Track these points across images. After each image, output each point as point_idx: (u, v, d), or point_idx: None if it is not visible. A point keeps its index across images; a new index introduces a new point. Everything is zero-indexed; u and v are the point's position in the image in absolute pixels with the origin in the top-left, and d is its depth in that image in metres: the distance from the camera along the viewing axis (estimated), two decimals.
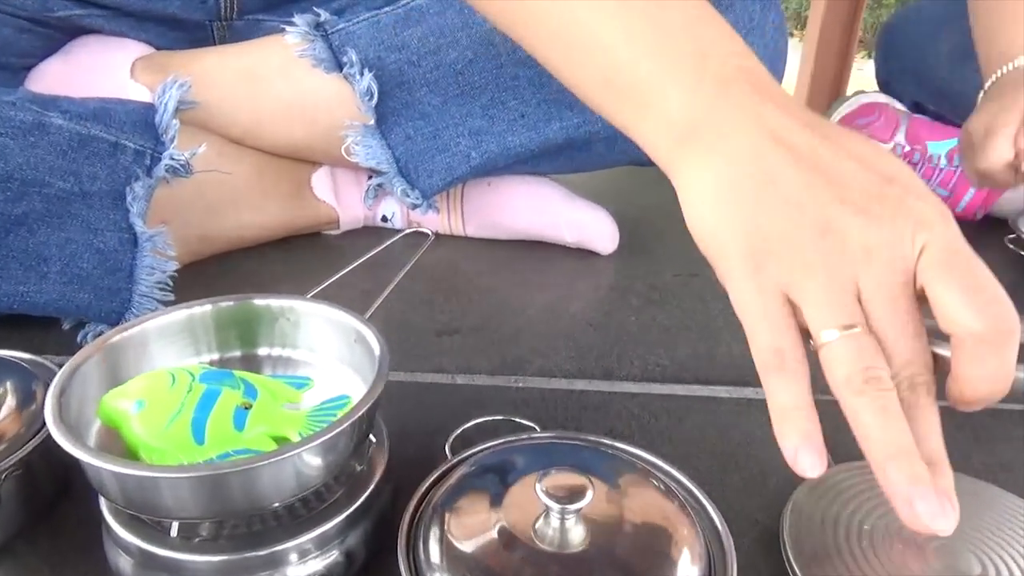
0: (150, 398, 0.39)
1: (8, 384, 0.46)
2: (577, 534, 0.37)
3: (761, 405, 0.59)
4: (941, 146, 0.96)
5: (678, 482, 0.44)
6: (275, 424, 0.40)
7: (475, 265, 0.82)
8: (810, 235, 0.35)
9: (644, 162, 0.84)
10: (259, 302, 0.47)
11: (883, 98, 0.95)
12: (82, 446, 0.34)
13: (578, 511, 0.37)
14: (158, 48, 0.78)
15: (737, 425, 0.57)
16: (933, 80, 0.98)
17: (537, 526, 0.38)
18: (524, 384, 0.61)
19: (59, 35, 0.75)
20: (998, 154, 0.74)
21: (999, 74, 0.80)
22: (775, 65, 0.75)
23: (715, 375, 0.63)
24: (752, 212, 0.36)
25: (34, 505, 0.45)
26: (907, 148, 0.94)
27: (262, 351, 0.48)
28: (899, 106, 0.95)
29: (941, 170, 0.96)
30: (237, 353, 0.47)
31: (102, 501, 0.39)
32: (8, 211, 0.60)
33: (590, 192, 0.86)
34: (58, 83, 0.72)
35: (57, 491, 0.46)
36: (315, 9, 0.75)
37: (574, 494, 0.37)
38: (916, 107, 1.02)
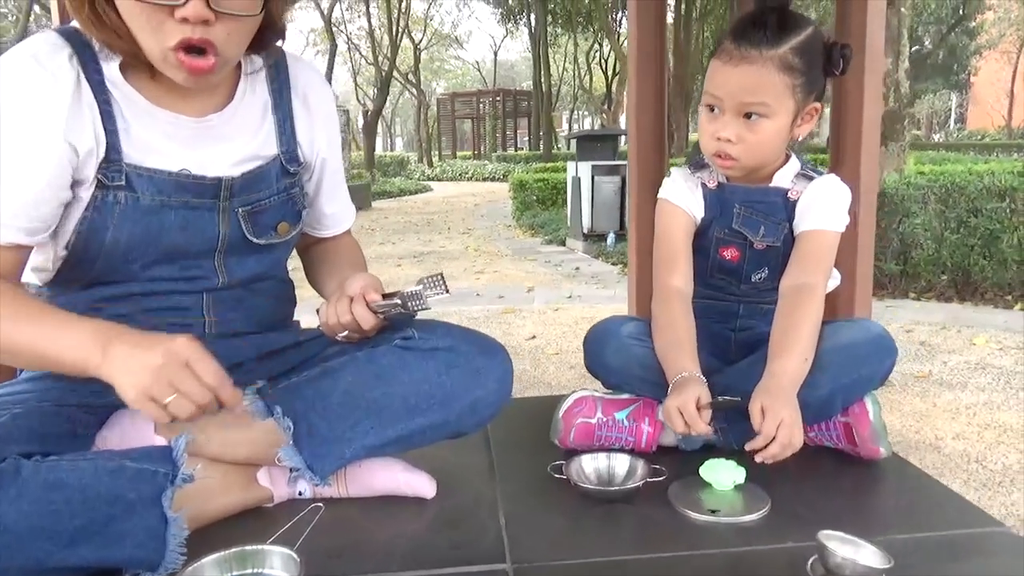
0: None
1: None
2: None
3: None
4: (623, 413, 1.67)
5: None
6: None
7: (350, 513, 1.43)
8: None
9: (443, 439, 1.50)
10: (246, 548, 1.08)
11: (586, 392, 1.67)
12: None
13: None
14: None
15: None
16: (606, 369, 1.72)
17: None
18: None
19: (104, 413, 1.37)
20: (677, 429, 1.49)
21: (679, 377, 1.53)
22: (503, 388, 1.44)
23: None
24: None
25: None
26: (604, 419, 1.65)
27: (248, 571, 1.08)
28: (596, 394, 1.68)
29: (626, 427, 1.66)
30: (236, 572, 1.07)
31: None
32: (107, 512, 1.18)
33: (418, 460, 1.51)
34: (114, 443, 1.33)
35: None
36: (258, 381, 1.41)
37: None
38: (607, 382, 1.75)
